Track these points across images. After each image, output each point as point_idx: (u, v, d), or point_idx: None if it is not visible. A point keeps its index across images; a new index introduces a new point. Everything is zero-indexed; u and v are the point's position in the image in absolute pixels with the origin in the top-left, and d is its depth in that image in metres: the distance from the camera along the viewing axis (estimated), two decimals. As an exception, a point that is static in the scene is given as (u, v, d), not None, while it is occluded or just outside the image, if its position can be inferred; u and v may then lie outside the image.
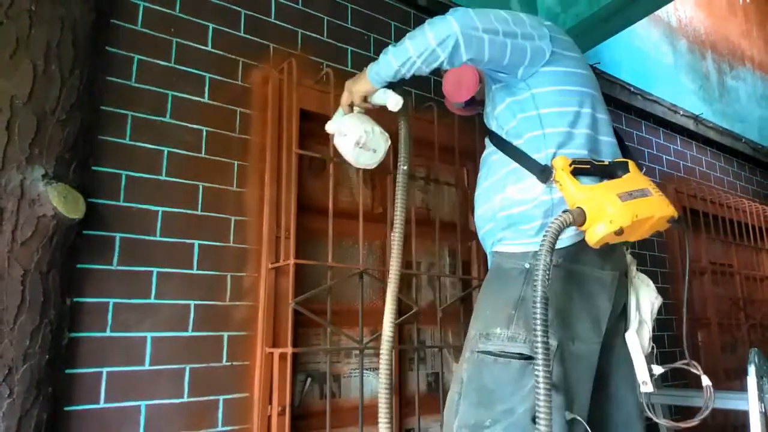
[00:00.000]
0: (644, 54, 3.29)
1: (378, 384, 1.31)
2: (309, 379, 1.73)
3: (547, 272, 1.01)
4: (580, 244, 1.16)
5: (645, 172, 3.29)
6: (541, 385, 0.97)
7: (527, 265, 1.18)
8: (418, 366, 1.94)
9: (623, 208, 1.09)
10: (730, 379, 3.08)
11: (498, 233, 1.27)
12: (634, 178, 1.19)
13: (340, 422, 1.68)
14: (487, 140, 1.39)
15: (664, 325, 2.91)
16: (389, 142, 1.42)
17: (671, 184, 3.21)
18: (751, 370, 1.71)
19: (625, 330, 1.28)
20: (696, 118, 3.47)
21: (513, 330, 1.13)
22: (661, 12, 3.46)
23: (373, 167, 1.45)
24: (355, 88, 1.33)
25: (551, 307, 1.11)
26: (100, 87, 1.46)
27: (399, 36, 2.16)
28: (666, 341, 2.88)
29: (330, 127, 1.43)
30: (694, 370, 1.29)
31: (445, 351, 2.05)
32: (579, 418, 1.11)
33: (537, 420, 0.97)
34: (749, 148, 3.88)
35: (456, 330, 2.07)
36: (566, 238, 1.17)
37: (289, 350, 1.54)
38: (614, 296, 1.25)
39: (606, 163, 1.22)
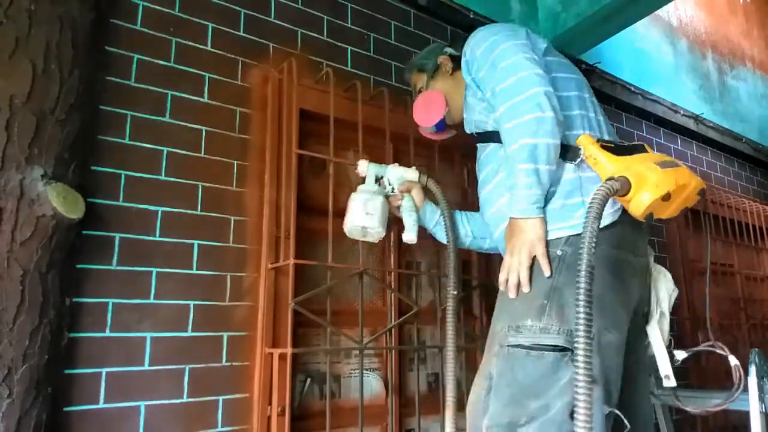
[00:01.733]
0: (645, 53, 3.29)
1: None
2: (308, 380, 1.73)
3: (593, 241, 0.96)
4: (616, 227, 1.14)
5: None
6: (581, 376, 0.90)
7: (559, 252, 1.14)
8: (418, 366, 1.93)
9: (665, 174, 1.07)
10: (731, 379, 3.07)
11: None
12: (653, 154, 1.18)
13: (339, 423, 1.68)
14: (481, 143, 1.40)
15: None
16: (378, 240, 1.52)
17: (672, 184, 3.20)
18: (752, 370, 1.71)
19: (647, 323, 1.24)
20: (696, 118, 3.47)
21: (545, 321, 1.08)
22: (662, 11, 3.45)
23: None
24: (527, 235, 1.17)
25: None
26: (100, 87, 1.45)
27: (399, 35, 2.18)
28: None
29: (362, 168, 1.53)
30: (720, 351, 1.26)
31: (445, 351, 2.04)
32: (617, 411, 1.06)
33: (576, 415, 0.90)
34: (750, 148, 3.87)
35: (456, 330, 2.06)
36: (602, 219, 1.14)
37: (289, 350, 1.53)
38: (643, 284, 1.23)
39: (626, 144, 1.21)
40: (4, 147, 1.19)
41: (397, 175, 1.55)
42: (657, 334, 1.21)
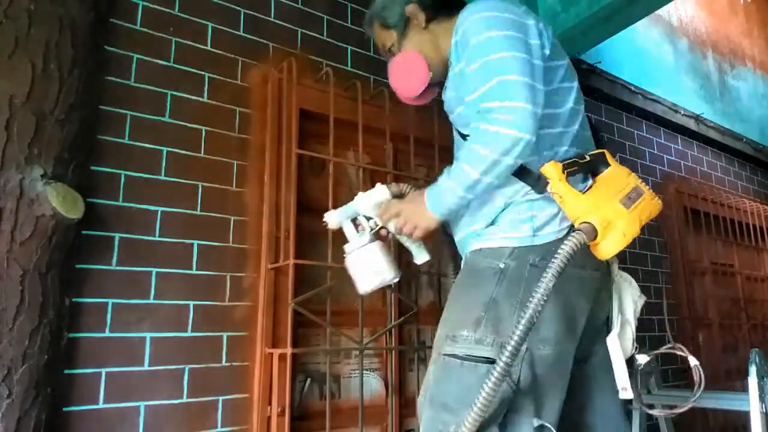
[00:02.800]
0: (645, 53, 3.29)
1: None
2: (308, 380, 1.73)
3: (546, 295, 0.97)
4: (560, 241, 1.09)
5: (645, 172, 3.28)
6: (493, 378, 0.95)
7: (502, 265, 1.13)
8: (418, 366, 1.93)
9: (631, 218, 1.05)
10: (731, 379, 3.08)
11: (479, 231, 1.20)
12: (618, 174, 1.15)
13: (339, 423, 1.68)
14: (464, 142, 1.28)
15: (664, 325, 2.90)
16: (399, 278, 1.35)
17: (672, 184, 3.20)
18: (752, 370, 1.71)
19: (607, 333, 1.23)
20: (697, 118, 3.46)
21: (481, 333, 1.08)
22: (662, 11, 3.45)
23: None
24: (422, 222, 1.19)
25: (523, 309, 1.05)
26: (99, 86, 1.45)
27: (399, 35, 2.17)
28: (666, 341, 2.87)
29: (332, 221, 1.35)
30: (680, 353, 1.24)
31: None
32: (548, 425, 1.06)
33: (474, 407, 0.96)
34: (750, 148, 3.87)
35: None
36: (545, 235, 1.13)
37: (289, 351, 1.53)
38: (594, 297, 1.20)
39: (588, 159, 1.16)
40: (4, 147, 1.19)
41: (368, 205, 1.36)
42: (615, 345, 1.19)
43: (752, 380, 1.70)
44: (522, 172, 1.13)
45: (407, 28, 1.35)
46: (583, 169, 1.15)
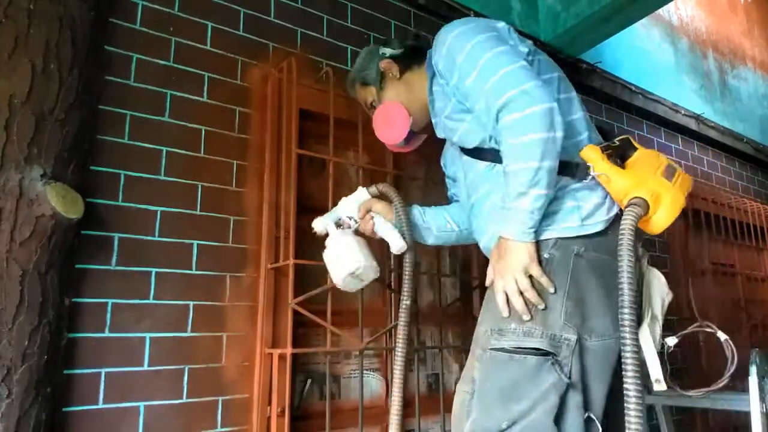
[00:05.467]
0: (645, 53, 3.28)
1: None
2: (309, 380, 1.73)
3: (631, 271, 0.99)
4: (604, 233, 1.13)
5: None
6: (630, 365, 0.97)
7: (546, 255, 1.12)
8: (418, 367, 1.93)
9: (677, 189, 1.07)
10: (731, 379, 3.07)
11: None
12: (649, 154, 1.17)
13: (339, 423, 1.68)
14: (469, 158, 1.31)
15: (665, 326, 2.90)
16: (378, 275, 1.42)
17: (672, 184, 3.20)
18: (753, 370, 1.71)
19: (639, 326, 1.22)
20: (697, 118, 3.46)
21: (529, 324, 1.07)
22: (662, 11, 3.45)
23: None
24: (516, 261, 1.12)
25: (571, 299, 1.08)
26: (99, 86, 1.45)
27: (399, 35, 2.17)
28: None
29: (318, 226, 1.44)
30: (708, 329, 1.28)
31: (445, 351, 2.05)
32: (594, 417, 1.06)
33: (627, 410, 0.96)
34: (751, 148, 3.87)
35: (456, 330, 2.07)
36: (590, 225, 1.13)
37: (289, 351, 1.53)
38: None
39: (617, 143, 1.18)
40: (3, 147, 1.18)
41: (350, 206, 1.46)
42: (647, 337, 1.18)
43: (752, 380, 1.70)
44: (561, 167, 1.14)
45: (384, 81, 1.47)
46: (616, 153, 1.15)
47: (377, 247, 1.55)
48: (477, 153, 1.29)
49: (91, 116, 1.41)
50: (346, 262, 1.34)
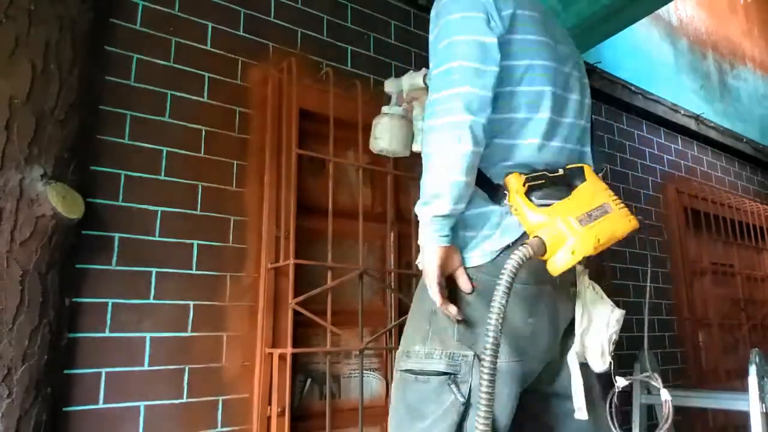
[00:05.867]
0: (645, 53, 3.29)
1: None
2: (309, 380, 1.73)
3: (501, 315, 0.94)
4: (498, 261, 1.08)
5: (645, 172, 3.26)
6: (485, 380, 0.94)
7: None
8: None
9: (585, 235, 1.01)
10: (731, 379, 3.08)
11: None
12: (590, 190, 1.10)
13: (339, 423, 1.68)
14: None
15: (665, 326, 2.91)
16: (407, 154, 1.44)
17: (672, 184, 3.20)
18: (752, 370, 1.71)
19: (564, 352, 1.19)
20: (697, 118, 3.46)
21: (429, 346, 1.09)
22: (662, 11, 3.45)
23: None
24: (430, 264, 1.09)
25: (462, 323, 1.07)
26: (99, 86, 1.45)
27: (399, 35, 2.18)
28: (666, 341, 2.88)
29: (389, 86, 1.48)
30: (654, 383, 1.22)
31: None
32: None
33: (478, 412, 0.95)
34: (750, 148, 3.87)
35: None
36: (490, 252, 1.10)
37: (289, 350, 1.53)
38: (536, 311, 1.14)
39: (561, 173, 1.12)
40: (4, 147, 1.19)
41: (406, 85, 1.47)
42: (574, 364, 1.15)
43: (752, 380, 1.70)
44: (483, 183, 1.11)
45: None
46: (557, 182, 1.10)
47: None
48: None
49: (92, 116, 1.42)
50: (380, 141, 1.41)
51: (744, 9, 4.34)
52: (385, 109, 1.46)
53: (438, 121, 1.07)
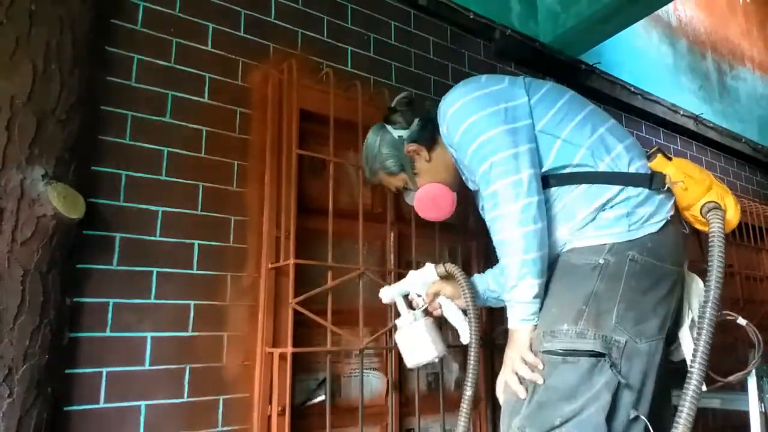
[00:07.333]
0: (644, 54, 3.29)
1: None
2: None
3: (721, 277, 1.05)
4: (654, 237, 1.16)
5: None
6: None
7: (601, 261, 1.15)
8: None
9: (725, 189, 1.19)
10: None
11: (572, 232, 1.22)
12: (683, 162, 1.25)
13: (340, 423, 1.68)
14: None
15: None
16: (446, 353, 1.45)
17: (671, 184, 3.20)
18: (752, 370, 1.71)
19: (679, 327, 1.25)
20: (696, 118, 3.47)
21: (582, 326, 1.09)
22: (662, 12, 3.46)
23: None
24: (518, 346, 1.18)
25: (624, 302, 1.10)
26: (100, 87, 1.46)
27: (399, 35, 2.18)
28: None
29: (385, 297, 1.49)
30: (730, 317, 1.39)
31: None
32: (643, 417, 1.08)
33: (680, 409, 1.01)
34: (749, 148, 3.87)
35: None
36: (643, 230, 1.16)
37: (289, 350, 1.53)
38: (677, 292, 1.22)
39: (659, 153, 1.25)
40: (5, 147, 1.19)
41: (418, 283, 1.48)
42: (688, 339, 1.21)
43: (752, 380, 1.70)
44: (631, 179, 1.19)
45: (414, 164, 1.44)
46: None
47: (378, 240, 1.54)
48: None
49: (93, 117, 1.42)
50: (423, 354, 1.39)
51: (743, 10, 4.35)
52: (399, 322, 1.44)
53: (502, 210, 1.17)
